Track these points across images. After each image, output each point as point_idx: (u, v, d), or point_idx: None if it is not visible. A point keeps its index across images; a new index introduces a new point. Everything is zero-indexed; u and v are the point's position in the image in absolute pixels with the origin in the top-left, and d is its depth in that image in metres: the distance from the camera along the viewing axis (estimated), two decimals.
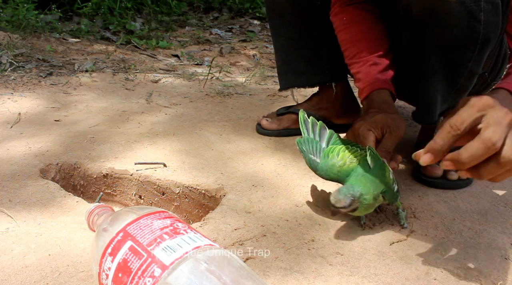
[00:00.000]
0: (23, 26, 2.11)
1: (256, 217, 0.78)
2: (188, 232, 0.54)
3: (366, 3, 0.97)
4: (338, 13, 0.99)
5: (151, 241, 0.52)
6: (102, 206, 0.69)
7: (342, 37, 0.99)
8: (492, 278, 0.65)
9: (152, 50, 2.20)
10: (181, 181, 0.90)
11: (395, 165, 0.80)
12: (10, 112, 1.23)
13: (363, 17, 0.96)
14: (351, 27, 0.97)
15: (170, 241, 0.51)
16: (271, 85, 1.66)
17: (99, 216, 0.67)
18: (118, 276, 0.51)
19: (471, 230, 0.77)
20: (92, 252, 0.57)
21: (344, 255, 0.68)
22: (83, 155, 0.99)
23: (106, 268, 0.52)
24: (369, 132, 0.82)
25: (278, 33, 1.16)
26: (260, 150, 1.06)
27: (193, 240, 0.52)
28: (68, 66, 1.72)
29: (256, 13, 3.21)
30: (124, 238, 0.53)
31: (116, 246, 0.53)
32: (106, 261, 0.53)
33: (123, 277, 0.50)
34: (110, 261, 0.52)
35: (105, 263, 0.53)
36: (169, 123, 1.21)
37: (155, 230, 0.54)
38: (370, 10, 0.97)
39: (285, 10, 1.09)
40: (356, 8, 0.97)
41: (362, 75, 0.94)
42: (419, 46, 0.88)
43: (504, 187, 0.93)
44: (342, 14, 0.98)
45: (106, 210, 0.68)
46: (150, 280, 0.48)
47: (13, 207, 0.78)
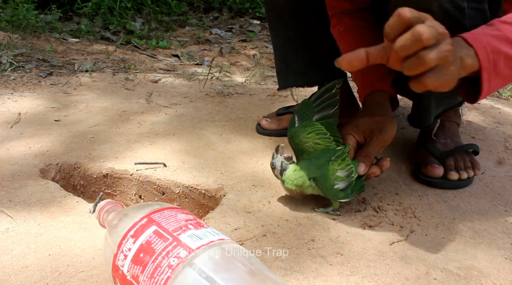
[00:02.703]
0: (23, 26, 2.11)
1: (256, 217, 0.78)
2: (211, 227, 0.56)
3: (362, 11, 0.98)
4: (335, 25, 1.01)
5: (176, 228, 0.53)
6: (113, 202, 0.70)
7: (341, 47, 1.01)
8: (492, 278, 0.65)
9: (152, 50, 2.20)
10: (181, 181, 0.90)
11: (362, 169, 0.78)
12: (10, 112, 1.23)
13: (358, 26, 0.98)
14: (347, 37, 0.99)
15: (195, 231, 0.53)
16: (271, 85, 1.66)
17: (108, 213, 0.67)
18: (139, 256, 0.51)
19: (471, 230, 0.77)
20: (109, 236, 0.57)
21: (344, 255, 0.68)
22: (83, 155, 0.99)
23: (126, 249, 0.53)
24: (349, 136, 0.83)
25: (277, 34, 1.15)
26: (260, 150, 1.06)
27: (217, 234, 0.53)
28: (68, 66, 1.72)
29: (256, 13, 3.21)
30: (149, 223, 0.54)
31: (140, 229, 0.54)
32: (126, 242, 0.53)
33: (145, 257, 0.50)
34: (132, 243, 0.53)
35: (125, 244, 0.53)
36: (169, 123, 1.21)
37: (180, 220, 0.55)
38: (365, 18, 0.98)
39: (284, 10, 1.09)
40: (351, 18, 0.98)
41: (359, 81, 0.97)
42: None
43: (504, 187, 0.93)
44: (339, 25, 1.00)
45: (117, 206, 0.69)
46: (175, 260, 0.48)
47: (13, 207, 0.78)
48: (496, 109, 1.45)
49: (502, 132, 1.24)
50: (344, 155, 0.77)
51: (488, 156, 1.08)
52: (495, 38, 0.66)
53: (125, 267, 0.52)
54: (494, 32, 0.66)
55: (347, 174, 0.76)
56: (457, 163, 0.94)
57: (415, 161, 1.00)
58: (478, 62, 0.64)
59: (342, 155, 0.77)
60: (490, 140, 1.18)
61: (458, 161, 0.95)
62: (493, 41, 0.65)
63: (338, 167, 0.76)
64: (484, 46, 0.65)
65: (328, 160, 0.77)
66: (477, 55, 0.64)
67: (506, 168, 1.02)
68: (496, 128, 1.27)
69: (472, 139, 1.18)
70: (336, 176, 0.76)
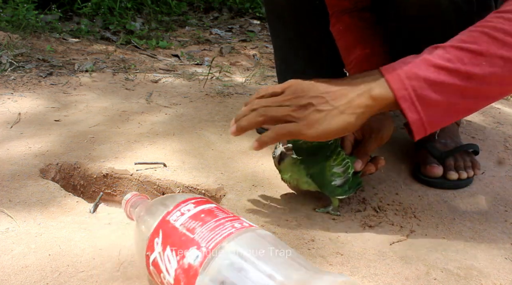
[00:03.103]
0: (23, 26, 2.11)
1: (256, 217, 0.78)
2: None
3: (362, 11, 0.98)
4: (335, 24, 1.01)
5: (227, 211, 0.55)
6: (138, 194, 0.69)
7: (339, 46, 1.00)
8: (492, 278, 0.65)
9: (152, 50, 2.20)
10: (181, 181, 0.90)
11: (359, 165, 0.79)
12: (10, 112, 1.23)
13: (358, 25, 0.98)
14: (346, 36, 0.99)
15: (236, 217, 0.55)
16: (271, 85, 1.66)
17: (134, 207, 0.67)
18: (199, 215, 0.53)
19: (471, 230, 0.77)
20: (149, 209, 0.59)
21: (344, 255, 0.68)
22: (83, 155, 0.99)
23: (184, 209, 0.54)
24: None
25: (277, 34, 1.16)
26: (260, 150, 1.06)
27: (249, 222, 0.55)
28: (68, 66, 1.72)
29: (256, 13, 3.21)
30: (200, 202, 0.56)
31: (200, 201, 0.56)
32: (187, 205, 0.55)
33: (207, 217, 0.52)
34: (193, 206, 0.55)
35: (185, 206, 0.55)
36: (169, 123, 1.21)
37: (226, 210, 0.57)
38: (365, 18, 0.98)
39: (284, 10, 1.09)
40: (351, 17, 0.98)
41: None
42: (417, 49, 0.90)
43: (504, 187, 0.93)
44: (338, 24, 1.00)
45: (143, 199, 0.69)
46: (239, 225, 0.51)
47: (13, 207, 0.78)
48: (496, 109, 1.45)
49: (502, 132, 1.24)
50: (337, 149, 0.77)
51: (488, 156, 1.08)
52: (414, 65, 0.59)
53: (179, 222, 0.53)
54: (417, 59, 0.60)
55: (344, 170, 0.77)
56: (456, 163, 0.94)
57: (414, 161, 1.00)
58: (392, 91, 0.59)
59: (335, 150, 0.77)
60: (490, 140, 1.18)
61: (458, 161, 0.95)
62: (411, 67, 0.59)
63: (334, 163, 0.77)
64: (398, 73, 0.59)
65: (324, 157, 0.78)
66: (388, 83, 0.59)
67: (506, 168, 1.02)
68: (496, 128, 1.27)
69: (472, 139, 1.18)
70: (333, 172, 0.76)
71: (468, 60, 0.58)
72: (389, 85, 0.60)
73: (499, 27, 0.57)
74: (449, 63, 0.58)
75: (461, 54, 0.58)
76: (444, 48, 0.59)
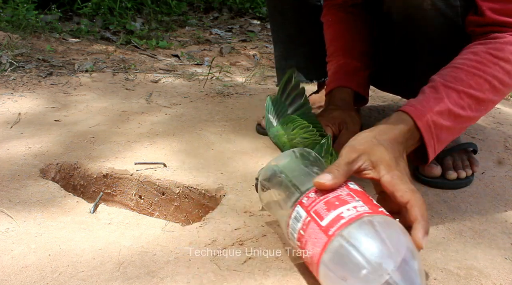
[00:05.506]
0: (23, 26, 2.12)
1: (256, 217, 0.78)
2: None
3: (354, 7, 1.01)
4: (325, 15, 1.05)
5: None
6: None
7: (325, 37, 1.05)
8: (492, 278, 0.65)
9: (152, 50, 2.20)
10: (181, 181, 0.90)
11: None
12: (10, 112, 1.23)
13: (346, 19, 1.01)
14: (333, 27, 1.03)
15: None
16: (271, 85, 1.66)
17: None
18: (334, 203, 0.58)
19: (471, 230, 0.77)
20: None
21: None
22: (83, 155, 0.99)
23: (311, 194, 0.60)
24: (327, 128, 0.87)
25: (277, 29, 1.17)
26: (260, 150, 1.06)
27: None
28: (68, 66, 1.72)
29: (256, 13, 3.21)
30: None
31: None
32: None
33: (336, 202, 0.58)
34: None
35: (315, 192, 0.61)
36: (169, 123, 1.21)
37: None
38: (355, 13, 1.01)
39: (286, 7, 1.11)
40: (341, 11, 1.02)
41: (330, 72, 1.01)
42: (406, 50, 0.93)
43: (504, 187, 0.93)
44: (329, 15, 1.04)
45: None
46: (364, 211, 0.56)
47: (13, 207, 0.78)
48: (496, 109, 1.45)
49: (502, 132, 1.24)
50: (330, 149, 0.77)
51: (488, 156, 1.08)
52: (438, 114, 0.70)
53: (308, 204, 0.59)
54: (438, 106, 0.70)
55: None
56: (455, 162, 0.94)
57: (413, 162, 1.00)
58: (423, 140, 0.70)
59: (328, 149, 0.77)
60: (490, 140, 1.18)
61: (456, 160, 0.95)
62: (435, 117, 0.70)
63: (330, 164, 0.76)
64: (429, 125, 0.70)
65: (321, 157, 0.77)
66: (420, 132, 0.69)
67: (506, 168, 1.02)
68: (496, 128, 1.27)
69: (472, 139, 1.18)
70: None
71: (474, 107, 0.73)
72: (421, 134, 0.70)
73: (498, 77, 0.72)
74: (462, 110, 0.71)
75: (470, 102, 0.72)
76: (458, 93, 0.71)
